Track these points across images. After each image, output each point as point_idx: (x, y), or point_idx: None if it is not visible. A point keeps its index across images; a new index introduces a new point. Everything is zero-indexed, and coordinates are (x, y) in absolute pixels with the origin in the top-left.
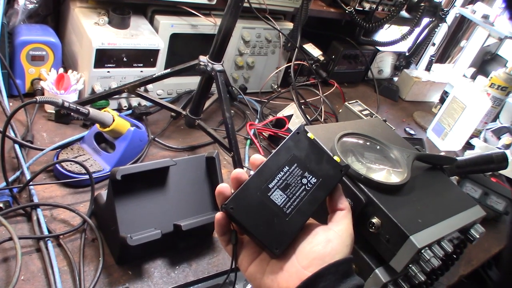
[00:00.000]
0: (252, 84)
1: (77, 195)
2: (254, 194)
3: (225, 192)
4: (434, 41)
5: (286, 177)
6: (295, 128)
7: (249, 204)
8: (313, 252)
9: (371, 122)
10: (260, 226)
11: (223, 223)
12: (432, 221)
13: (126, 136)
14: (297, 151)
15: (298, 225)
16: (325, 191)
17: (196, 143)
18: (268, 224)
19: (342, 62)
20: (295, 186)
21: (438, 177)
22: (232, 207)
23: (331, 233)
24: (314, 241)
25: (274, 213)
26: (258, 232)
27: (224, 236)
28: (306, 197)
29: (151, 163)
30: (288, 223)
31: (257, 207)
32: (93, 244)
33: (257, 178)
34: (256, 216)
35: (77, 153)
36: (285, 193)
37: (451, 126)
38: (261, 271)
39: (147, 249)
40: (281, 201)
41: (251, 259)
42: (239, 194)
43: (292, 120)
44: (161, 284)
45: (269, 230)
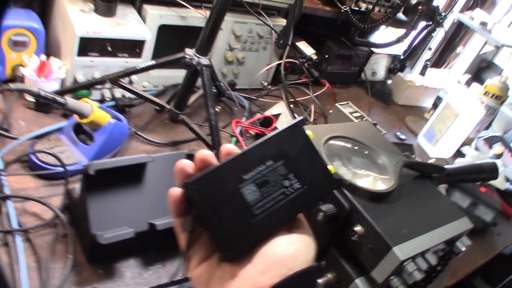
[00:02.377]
0: (241, 80)
1: (51, 187)
2: (223, 181)
3: (187, 170)
4: (430, 46)
5: (267, 173)
6: (285, 124)
7: (214, 190)
8: (273, 254)
9: (361, 125)
10: (218, 219)
11: (178, 202)
12: (417, 232)
13: (105, 128)
14: (289, 146)
15: (264, 232)
16: (307, 202)
17: (179, 139)
18: (229, 220)
19: (336, 62)
20: (274, 186)
21: (426, 186)
22: (194, 188)
23: (294, 236)
24: (274, 243)
25: (240, 209)
26: (214, 225)
27: (180, 219)
28: (283, 203)
29: (128, 159)
30: (252, 226)
31: (222, 196)
32: (64, 240)
33: (233, 164)
34: (218, 206)
35: (54, 144)
36: (259, 191)
37: (442, 132)
38: (209, 274)
39: (120, 247)
40: (253, 198)
41: (202, 257)
42: (206, 176)
43: (280, 119)
44: (132, 285)
45: (227, 228)
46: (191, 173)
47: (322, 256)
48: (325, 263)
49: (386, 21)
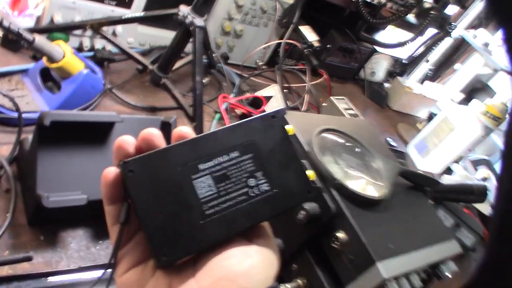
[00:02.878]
0: (235, 55)
1: (2, 134)
2: (171, 167)
3: (127, 148)
4: (428, 58)
5: (229, 166)
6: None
7: (157, 176)
8: (221, 268)
9: (358, 122)
10: (157, 213)
11: (112, 185)
12: (404, 249)
13: (76, 78)
14: (261, 139)
15: (214, 237)
16: (275, 209)
17: (158, 105)
18: (170, 217)
19: (337, 54)
20: (235, 183)
21: (418, 199)
22: (132, 170)
23: (252, 248)
24: (225, 254)
25: (187, 205)
26: (150, 221)
27: (112, 207)
28: (244, 205)
29: (92, 114)
30: (200, 229)
31: (166, 185)
32: (6, 195)
33: (187, 149)
34: (159, 197)
35: (15, 86)
36: (216, 186)
37: (435, 145)
38: (139, 283)
39: (68, 214)
40: (206, 194)
41: (134, 261)
42: (149, 157)
43: (270, 102)
44: (76, 259)
45: (167, 225)
46: (132, 152)
47: (294, 258)
48: (297, 268)
49: (395, 20)
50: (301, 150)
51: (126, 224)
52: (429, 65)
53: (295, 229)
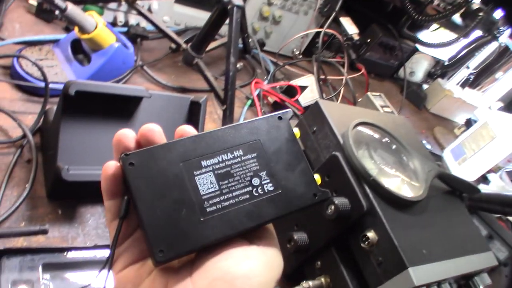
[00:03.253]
0: (272, 42)
1: (28, 103)
2: (173, 162)
3: (126, 141)
4: (469, 65)
5: (233, 164)
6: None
7: (158, 170)
8: (218, 269)
9: (396, 119)
10: (157, 208)
11: (112, 178)
12: (439, 257)
13: (106, 51)
14: (267, 139)
15: (214, 236)
16: (279, 210)
17: (189, 86)
18: (170, 212)
19: (377, 49)
20: (238, 182)
21: (455, 205)
22: (132, 163)
23: (252, 249)
24: (224, 256)
25: (188, 201)
26: (149, 215)
27: (112, 201)
28: (247, 205)
29: (119, 87)
30: (199, 226)
31: (168, 180)
32: (27, 166)
33: (191, 144)
34: (160, 192)
35: (44, 55)
36: (219, 184)
37: (473, 152)
38: (135, 281)
39: (88, 190)
40: (208, 191)
41: (132, 258)
42: (152, 151)
43: (305, 92)
44: (93, 236)
45: (166, 221)
46: (131, 146)
47: (319, 255)
48: (321, 265)
49: (441, 19)
50: (335, 142)
51: (125, 219)
52: (470, 71)
53: (323, 224)
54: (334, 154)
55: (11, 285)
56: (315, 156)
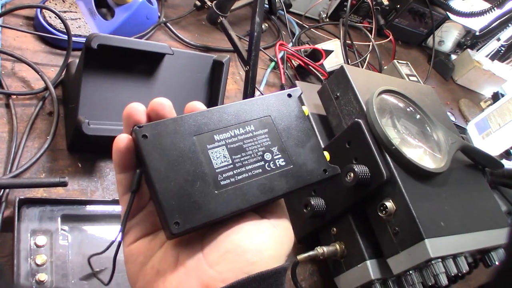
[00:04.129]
0: (298, 3)
1: (51, 56)
2: (187, 135)
3: (137, 115)
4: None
5: (245, 139)
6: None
7: (172, 143)
8: (230, 242)
9: (421, 88)
10: (170, 181)
11: (124, 152)
12: (457, 230)
13: (131, 5)
14: (277, 115)
15: (228, 209)
16: (291, 184)
17: (212, 45)
18: (184, 185)
19: (406, 16)
20: (251, 156)
21: (477, 179)
22: (145, 135)
23: (264, 222)
24: (235, 230)
25: (202, 174)
26: (163, 188)
27: (124, 175)
28: (259, 179)
29: (141, 42)
30: (213, 199)
31: (181, 153)
32: (48, 118)
33: (204, 118)
34: (173, 164)
35: (68, 8)
36: (232, 158)
37: (498, 127)
38: (147, 254)
39: (109, 144)
40: (221, 164)
41: (142, 231)
42: (165, 124)
43: (329, 57)
44: (111, 191)
45: (180, 194)
46: (142, 119)
47: (336, 222)
48: (337, 231)
49: None
50: (358, 109)
51: (137, 193)
52: (500, 43)
53: (341, 191)
54: (357, 121)
55: (31, 234)
56: (337, 122)
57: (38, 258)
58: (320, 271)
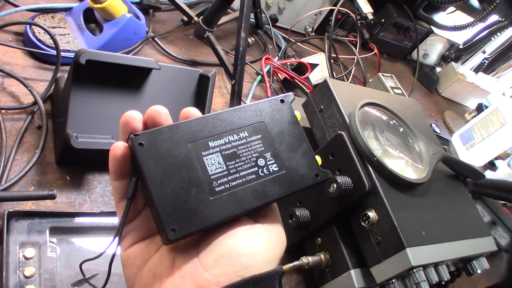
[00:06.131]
0: (284, 18)
1: (41, 71)
2: (182, 142)
3: (134, 123)
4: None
5: (239, 146)
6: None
7: (167, 150)
8: (224, 246)
9: (404, 101)
10: (166, 188)
11: (120, 159)
12: (438, 239)
13: (118, 21)
14: (270, 121)
15: (223, 214)
16: (284, 189)
17: (199, 59)
18: (179, 191)
19: (391, 29)
20: (245, 162)
21: (458, 189)
22: (141, 143)
23: (257, 227)
24: (229, 234)
25: (197, 181)
26: (159, 195)
27: (120, 182)
28: (253, 184)
29: (129, 57)
30: (208, 205)
31: (176, 160)
32: (37, 132)
33: (198, 125)
34: (169, 171)
35: (57, 23)
36: (226, 164)
37: (482, 138)
38: (143, 258)
39: (96, 158)
40: (216, 171)
41: (139, 236)
42: (160, 132)
43: (315, 71)
44: (99, 203)
45: (176, 200)
46: (139, 127)
47: (320, 232)
48: (322, 241)
49: (458, 1)
50: (341, 121)
51: (133, 200)
52: (485, 56)
53: (325, 202)
54: (340, 133)
55: (19, 246)
56: (321, 134)
57: (27, 270)
58: (305, 281)
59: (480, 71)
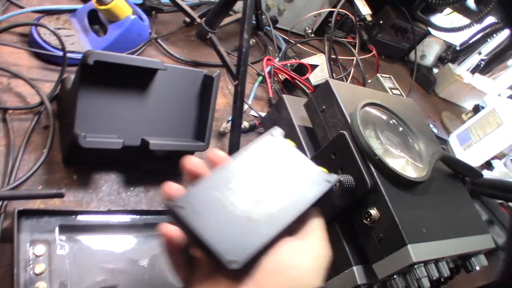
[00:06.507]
0: (285, 19)
1: (46, 71)
2: (211, 193)
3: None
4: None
5: (256, 180)
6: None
7: (204, 203)
8: (272, 264)
9: (403, 101)
10: (215, 232)
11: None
12: (438, 236)
13: (123, 22)
14: (273, 155)
15: (267, 236)
16: (306, 200)
17: (201, 60)
18: (226, 231)
19: (389, 31)
20: (266, 191)
21: (457, 188)
22: (182, 206)
23: (299, 242)
24: (275, 252)
25: (236, 218)
26: (212, 239)
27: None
28: (282, 204)
29: (136, 58)
30: (252, 233)
31: (214, 208)
32: (44, 132)
33: (218, 175)
34: (212, 219)
35: (62, 25)
36: (253, 197)
37: (479, 138)
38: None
39: (103, 157)
40: (247, 206)
41: (201, 279)
42: (193, 191)
43: (315, 71)
44: (106, 202)
45: (226, 238)
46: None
47: None
48: None
49: (455, 3)
50: (343, 121)
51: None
52: (481, 57)
53: (327, 200)
54: (342, 132)
55: (29, 244)
56: (323, 134)
57: (37, 267)
58: None
59: (476, 72)
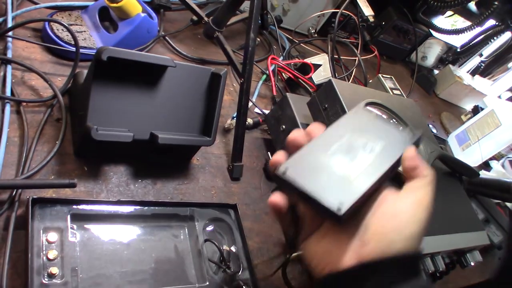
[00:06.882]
0: (289, 19)
1: (58, 66)
2: (313, 156)
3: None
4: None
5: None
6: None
7: (308, 165)
8: (374, 225)
9: (404, 101)
10: (319, 188)
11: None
12: (434, 231)
13: (133, 20)
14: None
15: (364, 186)
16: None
17: (208, 58)
18: (329, 186)
19: (391, 32)
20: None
21: (454, 186)
22: (287, 167)
23: (401, 204)
24: (378, 211)
25: (336, 175)
26: (316, 193)
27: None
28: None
29: (148, 55)
30: (351, 184)
31: (315, 168)
32: (56, 124)
33: (316, 142)
34: (315, 177)
35: (74, 21)
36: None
37: (477, 139)
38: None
39: (113, 149)
40: (344, 164)
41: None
42: (295, 157)
43: (318, 71)
44: (115, 193)
45: (329, 191)
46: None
47: None
48: None
49: (457, 5)
50: None
51: None
52: (481, 59)
53: None
54: None
55: (43, 231)
56: None
57: (50, 253)
58: None
59: (476, 74)
